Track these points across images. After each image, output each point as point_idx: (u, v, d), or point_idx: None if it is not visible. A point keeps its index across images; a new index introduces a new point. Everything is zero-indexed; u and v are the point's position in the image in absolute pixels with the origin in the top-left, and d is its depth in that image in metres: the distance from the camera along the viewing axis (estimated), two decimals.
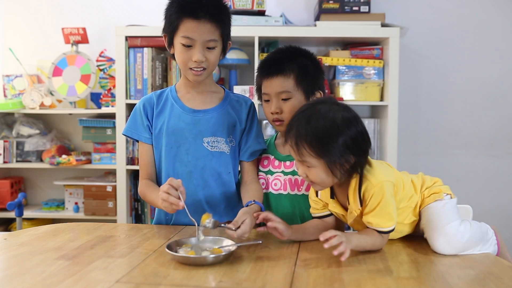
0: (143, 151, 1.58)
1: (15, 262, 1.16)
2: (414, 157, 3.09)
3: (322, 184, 1.26)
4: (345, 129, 1.22)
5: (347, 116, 1.24)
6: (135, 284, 1.02)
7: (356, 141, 1.22)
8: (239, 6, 2.71)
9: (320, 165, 1.22)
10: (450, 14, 3.04)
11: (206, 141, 1.54)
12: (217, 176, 1.55)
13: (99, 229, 1.48)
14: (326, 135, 1.21)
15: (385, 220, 1.23)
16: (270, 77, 1.53)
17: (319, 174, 1.23)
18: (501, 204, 3.08)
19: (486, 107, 3.06)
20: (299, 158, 1.25)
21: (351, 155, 1.21)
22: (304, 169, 1.26)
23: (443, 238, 1.24)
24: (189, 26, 1.44)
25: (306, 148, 1.22)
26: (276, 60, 1.56)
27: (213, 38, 1.47)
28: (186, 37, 1.44)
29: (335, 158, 1.21)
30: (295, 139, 1.24)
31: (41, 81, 3.09)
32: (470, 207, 1.59)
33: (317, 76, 1.58)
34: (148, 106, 1.58)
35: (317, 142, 1.21)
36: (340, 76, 2.77)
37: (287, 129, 1.28)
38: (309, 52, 1.61)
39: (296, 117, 1.27)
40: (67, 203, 3.03)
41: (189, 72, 1.50)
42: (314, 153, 1.21)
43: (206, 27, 1.45)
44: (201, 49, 1.45)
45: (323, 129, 1.21)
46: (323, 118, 1.22)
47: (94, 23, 3.08)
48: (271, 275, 1.07)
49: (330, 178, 1.24)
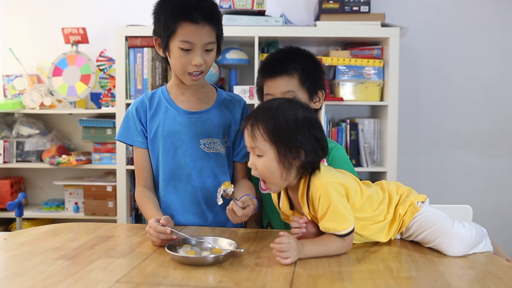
0: (138, 156, 1.58)
1: (15, 262, 1.16)
2: (414, 157, 3.09)
3: (270, 177, 1.22)
4: (304, 125, 1.21)
5: (309, 116, 1.23)
6: (135, 284, 1.02)
7: (310, 141, 1.20)
8: (239, 6, 2.71)
9: (270, 153, 1.20)
10: (450, 14, 3.04)
11: (202, 142, 1.54)
12: (214, 177, 1.55)
13: (99, 229, 1.48)
14: (283, 122, 1.20)
15: (340, 223, 1.19)
16: (274, 77, 1.53)
17: (267, 163, 1.21)
18: (501, 204, 3.08)
19: (486, 107, 3.06)
20: (251, 144, 1.22)
21: (302, 151, 1.20)
22: (253, 159, 1.24)
23: (456, 239, 1.22)
24: (188, 30, 1.41)
25: (260, 129, 1.20)
26: (279, 60, 1.55)
27: (211, 40, 1.45)
28: (186, 41, 1.42)
29: (287, 148, 1.19)
30: (251, 121, 1.22)
31: (41, 81, 3.09)
32: (470, 207, 1.59)
33: (319, 76, 1.59)
34: (141, 109, 1.56)
35: (274, 125, 1.19)
36: (340, 76, 2.77)
37: (246, 117, 1.26)
38: (309, 52, 1.62)
39: (258, 107, 1.26)
40: (67, 203, 3.03)
41: (187, 77, 1.48)
42: (266, 137, 1.20)
43: (205, 30, 1.43)
44: (200, 53, 1.44)
45: (282, 117, 1.20)
46: (284, 110, 1.22)
47: (94, 23, 3.08)
48: (271, 275, 1.07)
49: (278, 171, 1.21)
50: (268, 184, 1.25)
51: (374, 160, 2.84)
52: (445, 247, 1.23)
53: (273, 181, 1.24)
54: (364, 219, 1.26)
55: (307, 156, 1.20)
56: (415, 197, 1.33)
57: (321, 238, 1.23)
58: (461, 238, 1.22)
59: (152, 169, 1.59)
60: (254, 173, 1.25)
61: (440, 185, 3.09)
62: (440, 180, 3.10)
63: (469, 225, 1.28)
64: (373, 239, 1.31)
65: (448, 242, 1.22)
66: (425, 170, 3.10)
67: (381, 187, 1.35)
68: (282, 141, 1.19)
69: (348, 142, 2.80)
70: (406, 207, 1.30)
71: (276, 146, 1.20)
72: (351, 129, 2.80)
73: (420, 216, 1.29)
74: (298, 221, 1.25)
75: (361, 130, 2.81)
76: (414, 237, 1.31)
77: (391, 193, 1.32)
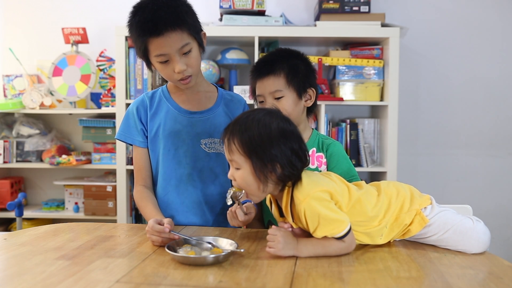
0: (137, 155, 1.58)
1: (15, 262, 1.16)
2: (414, 157, 3.09)
3: (248, 189, 1.23)
4: (279, 138, 1.20)
5: (284, 128, 1.22)
6: (135, 284, 1.02)
7: (286, 154, 1.20)
8: (239, 6, 2.71)
9: (246, 166, 1.20)
10: (450, 14, 3.04)
11: (203, 142, 1.54)
12: (214, 177, 1.55)
13: (99, 229, 1.48)
14: (257, 136, 1.19)
15: (334, 227, 1.18)
16: (262, 78, 1.55)
17: (244, 176, 1.21)
18: (501, 204, 3.08)
19: (486, 107, 3.06)
20: (228, 156, 1.23)
21: (278, 165, 1.19)
22: (232, 171, 1.24)
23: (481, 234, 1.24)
24: (157, 44, 1.39)
25: (235, 143, 1.20)
26: (267, 62, 1.57)
27: (184, 43, 1.41)
28: (160, 55, 1.41)
29: (262, 162, 1.19)
30: (228, 134, 1.23)
31: (41, 81, 3.09)
32: (470, 207, 1.59)
33: (308, 74, 1.59)
34: (141, 109, 1.57)
35: (248, 139, 1.19)
36: (340, 76, 2.77)
37: (224, 129, 1.26)
38: (299, 52, 1.63)
39: (235, 119, 1.27)
40: (67, 203, 3.03)
41: (178, 83, 1.49)
42: (242, 151, 1.20)
43: (173, 37, 1.39)
44: (178, 59, 1.42)
45: (256, 130, 1.20)
46: (259, 122, 1.21)
47: (94, 23, 3.08)
48: (271, 275, 1.07)
49: (255, 184, 1.21)
50: (249, 194, 1.26)
51: (374, 160, 2.84)
52: (472, 243, 1.24)
53: (252, 192, 1.24)
54: (354, 224, 1.23)
55: (284, 170, 1.19)
56: (419, 203, 1.29)
57: (319, 240, 1.22)
58: (484, 233, 1.25)
59: (151, 168, 1.59)
60: (234, 184, 1.26)
61: (440, 185, 3.09)
62: (440, 180, 3.10)
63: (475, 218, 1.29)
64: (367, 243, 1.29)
65: (475, 237, 1.24)
66: (425, 170, 3.10)
67: (377, 189, 1.32)
68: (257, 155, 1.19)
69: (348, 142, 2.80)
70: (412, 216, 1.28)
71: (251, 160, 1.19)
72: (351, 129, 2.80)
73: (433, 219, 1.28)
74: (283, 226, 1.25)
75: (361, 130, 2.81)
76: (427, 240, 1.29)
77: (390, 198, 1.29)
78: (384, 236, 1.28)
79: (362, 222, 1.25)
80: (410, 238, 1.32)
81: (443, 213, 1.29)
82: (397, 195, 1.30)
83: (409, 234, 1.29)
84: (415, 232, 1.28)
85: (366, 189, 1.30)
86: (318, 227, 1.19)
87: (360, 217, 1.25)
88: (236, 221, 1.37)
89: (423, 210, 1.29)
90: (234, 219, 1.37)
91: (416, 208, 1.28)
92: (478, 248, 1.24)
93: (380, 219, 1.27)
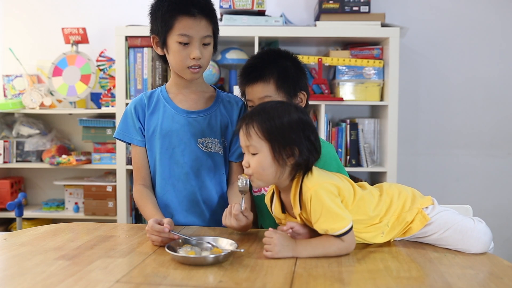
0: (136, 154, 1.58)
1: (15, 262, 1.16)
2: (414, 157, 3.09)
3: (264, 174, 1.23)
4: (298, 126, 1.22)
5: (302, 118, 1.24)
6: (135, 284, 1.02)
7: (304, 141, 1.21)
8: (239, 6, 2.71)
9: (264, 150, 1.21)
10: (450, 14, 3.04)
11: (200, 142, 1.54)
12: (212, 176, 1.56)
13: (99, 229, 1.48)
14: (278, 120, 1.21)
15: (335, 222, 1.18)
16: (251, 84, 1.53)
17: (261, 160, 1.22)
18: (501, 204, 3.08)
19: (486, 107, 3.06)
20: (246, 142, 1.23)
21: (296, 149, 1.21)
22: (248, 157, 1.25)
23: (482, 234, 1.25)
24: (185, 24, 1.44)
25: (255, 127, 1.21)
26: (255, 66, 1.55)
27: (208, 34, 1.48)
28: (184, 35, 1.44)
29: (281, 146, 1.20)
30: (247, 120, 1.24)
31: (41, 81, 3.09)
32: (470, 207, 1.59)
33: (298, 77, 1.56)
34: (139, 108, 1.57)
35: (268, 123, 1.21)
36: (340, 76, 2.77)
37: (242, 117, 1.28)
38: (289, 53, 1.60)
39: (253, 108, 1.28)
40: (67, 203, 3.03)
41: (186, 71, 1.49)
42: (261, 134, 1.21)
43: (202, 23, 1.46)
44: (198, 46, 1.46)
45: (276, 115, 1.22)
46: (278, 109, 1.23)
47: (94, 23, 3.08)
48: (271, 275, 1.07)
49: (272, 168, 1.22)
50: (256, 180, 1.25)
51: (374, 160, 2.84)
52: (472, 243, 1.24)
53: (263, 178, 1.24)
54: (356, 222, 1.24)
55: (301, 155, 1.21)
56: (421, 203, 1.30)
57: (318, 239, 1.22)
58: (485, 233, 1.25)
59: (150, 167, 1.59)
60: (246, 172, 1.26)
61: (440, 185, 3.09)
62: (440, 180, 3.09)
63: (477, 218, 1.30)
64: (368, 242, 1.30)
65: (475, 237, 1.24)
66: (425, 170, 3.10)
67: (380, 189, 1.34)
68: (277, 138, 1.20)
69: (348, 142, 2.80)
70: (414, 215, 1.29)
71: (271, 144, 1.21)
72: (351, 129, 2.80)
73: (434, 218, 1.28)
74: (282, 229, 1.25)
75: (361, 130, 2.81)
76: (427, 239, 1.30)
77: (392, 198, 1.30)
78: (386, 234, 1.29)
79: (364, 221, 1.26)
80: (410, 238, 1.32)
81: (444, 213, 1.30)
82: (399, 195, 1.31)
83: (410, 232, 1.30)
84: (416, 230, 1.29)
85: (369, 190, 1.32)
86: (320, 218, 1.19)
87: (362, 215, 1.26)
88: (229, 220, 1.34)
89: (425, 210, 1.30)
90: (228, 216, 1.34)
91: (417, 207, 1.29)
92: (478, 248, 1.24)
93: (381, 217, 1.28)
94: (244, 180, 1.29)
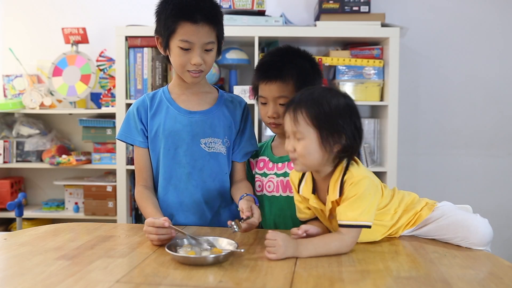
0: (138, 155, 1.58)
1: (15, 262, 1.16)
2: (414, 157, 3.09)
3: (308, 159, 1.23)
4: (345, 111, 1.23)
5: (350, 104, 1.25)
6: (135, 284, 1.02)
7: (351, 127, 1.22)
8: (239, 6, 2.71)
9: (312, 137, 1.21)
10: (450, 14, 3.04)
11: (203, 142, 1.54)
12: (214, 176, 1.56)
13: (99, 229, 1.48)
14: (326, 106, 1.21)
15: (358, 212, 1.19)
16: (269, 82, 1.52)
17: (308, 146, 1.22)
18: (501, 204, 3.08)
19: (486, 107, 3.06)
20: (293, 128, 1.23)
21: (344, 135, 1.21)
22: (293, 142, 1.24)
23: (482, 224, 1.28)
24: (187, 30, 1.43)
25: (303, 113, 1.21)
26: (275, 64, 1.53)
27: (210, 40, 1.46)
28: (185, 41, 1.43)
29: (328, 132, 1.20)
30: (294, 105, 1.24)
31: (41, 81, 3.09)
32: (470, 207, 1.59)
33: (316, 78, 1.56)
34: (142, 109, 1.57)
35: (316, 109, 1.21)
36: (340, 76, 2.77)
37: (288, 103, 1.27)
38: (308, 53, 1.59)
39: (299, 93, 1.28)
40: (67, 203, 3.03)
41: (186, 74, 1.49)
42: (309, 120, 1.21)
43: (204, 30, 1.44)
44: (199, 52, 1.45)
45: (325, 101, 1.22)
46: (326, 97, 1.23)
47: (94, 23, 3.08)
48: (271, 275, 1.07)
49: (318, 153, 1.22)
50: (300, 164, 1.25)
51: (374, 160, 2.84)
52: (471, 231, 1.26)
53: (307, 163, 1.24)
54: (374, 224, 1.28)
55: (348, 141, 1.22)
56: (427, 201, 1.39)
57: (320, 237, 1.23)
58: (486, 225, 1.28)
59: (152, 168, 1.59)
60: (291, 156, 1.25)
61: (440, 185, 3.09)
62: (440, 180, 3.09)
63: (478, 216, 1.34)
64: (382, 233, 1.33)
65: (475, 225, 1.27)
66: (425, 170, 3.10)
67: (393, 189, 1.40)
68: (325, 125, 1.21)
69: None
70: (422, 205, 1.36)
71: (319, 130, 1.21)
72: None
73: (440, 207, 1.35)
74: (297, 233, 1.25)
75: None
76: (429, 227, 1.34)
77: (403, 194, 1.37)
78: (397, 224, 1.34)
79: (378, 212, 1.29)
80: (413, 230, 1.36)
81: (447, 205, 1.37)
82: (409, 194, 1.39)
83: (420, 219, 1.34)
84: (425, 216, 1.34)
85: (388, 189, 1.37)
86: (348, 201, 1.20)
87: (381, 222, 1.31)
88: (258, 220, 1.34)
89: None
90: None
91: (426, 200, 1.38)
92: (477, 237, 1.26)
93: (392, 214, 1.33)
94: (235, 227, 1.28)
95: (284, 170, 1.57)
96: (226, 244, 1.23)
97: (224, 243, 1.23)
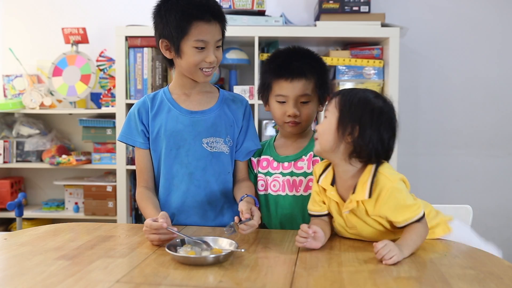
0: (139, 157, 1.58)
1: (15, 262, 1.16)
2: (414, 157, 3.09)
3: (323, 138, 1.28)
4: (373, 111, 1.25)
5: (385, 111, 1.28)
6: (135, 284, 1.02)
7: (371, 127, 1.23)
8: (239, 6, 2.71)
9: (333, 118, 1.27)
10: (450, 14, 3.04)
11: (205, 142, 1.54)
12: (217, 176, 1.55)
13: (99, 229, 1.48)
14: (357, 97, 1.26)
15: (413, 210, 1.23)
16: (292, 79, 1.52)
17: (326, 124, 1.28)
18: (501, 204, 3.08)
19: (486, 107, 3.06)
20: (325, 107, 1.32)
21: (358, 129, 1.23)
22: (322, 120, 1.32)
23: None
24: (202, 29, 1.45)
25: (337, 97, 1.28)
26: (295, 62, 1.54)
27: (221, 37, 1.50)
28: (200, 40, 1.45)
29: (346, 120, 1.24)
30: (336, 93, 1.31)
31: (41, 81, 3.09)
32: (470, 207, 1.59)
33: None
34: (142, 110, 1.57)
35: (347, 96, 1.27)
36: (340, 76, 2.77)
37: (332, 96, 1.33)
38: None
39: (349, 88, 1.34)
40: (67, 203, 3.03)
41: (199, 73, 1.50)
42: (337, 102, 1.27)
43: (216, 27, 1.48)
44: (213, 50, 1.48)
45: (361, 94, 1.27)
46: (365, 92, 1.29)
47: (94, 23, 3.08)
48: (271, 275, 1.07)
49: (332, 136, 1.26)
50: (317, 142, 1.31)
51: None
52: None
53: (321, 141, 1.29)
54: None
55: (360, 138, 1.23)
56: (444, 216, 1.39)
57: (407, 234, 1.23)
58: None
59: (153, 170, 1.59)
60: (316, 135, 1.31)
61: (440, 185, 3.09)
62: (440, 180, 3.09)
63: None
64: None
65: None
66: (425, 170, 3.10)
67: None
68: (346, 111, 1.25)
69: None
70: (437, 221, 1.36)
71: (340, 114, 1.25)
72: None
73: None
74: (307, 231, 1.24)
75: None
76: None
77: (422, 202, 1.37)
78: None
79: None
80: None
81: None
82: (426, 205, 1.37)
83: (431, 236, 1.33)
84: (438, 235, 1.35)
85: None
86: (399, 211, 1.23)
87: None
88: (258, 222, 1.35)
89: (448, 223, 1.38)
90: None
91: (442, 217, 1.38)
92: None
93: None
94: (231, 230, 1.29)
95: (291, 169, 1.57)
96: (226, 244, 1.23)
97: (224, 243, 1.23)
